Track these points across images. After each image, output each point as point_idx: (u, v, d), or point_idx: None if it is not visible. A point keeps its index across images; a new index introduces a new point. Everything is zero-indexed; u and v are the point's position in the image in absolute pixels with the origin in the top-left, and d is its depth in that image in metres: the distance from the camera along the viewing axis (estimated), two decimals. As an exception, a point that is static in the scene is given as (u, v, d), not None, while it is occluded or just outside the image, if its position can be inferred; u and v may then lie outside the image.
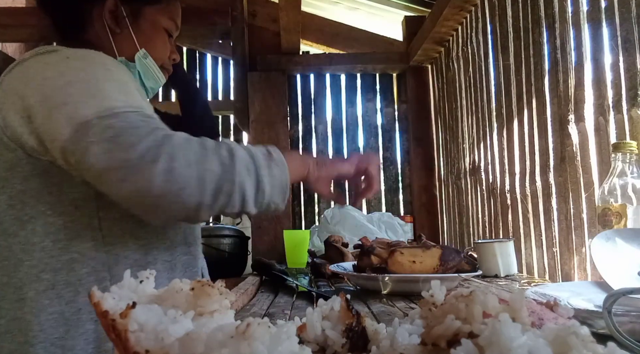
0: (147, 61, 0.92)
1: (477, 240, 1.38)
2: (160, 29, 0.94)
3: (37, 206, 0.75)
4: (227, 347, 0.26)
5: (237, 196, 0.69)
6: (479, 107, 1.74)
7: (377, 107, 2.45)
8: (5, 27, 2.07)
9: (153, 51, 0.93)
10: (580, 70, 1.13)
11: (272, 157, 0.75)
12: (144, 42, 0.92)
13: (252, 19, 2.45)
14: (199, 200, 0.67)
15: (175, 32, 0.99)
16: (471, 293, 0.32)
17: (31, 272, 0.74)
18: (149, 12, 0.92)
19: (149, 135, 0.67)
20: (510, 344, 0.27)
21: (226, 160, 0.69)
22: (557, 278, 1.22)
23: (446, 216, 2.22)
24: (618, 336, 0.44)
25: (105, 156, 0.65)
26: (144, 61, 0.92)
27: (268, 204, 0.74)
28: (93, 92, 0.71)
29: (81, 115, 0.67)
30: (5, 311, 0.75)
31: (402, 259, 0.96)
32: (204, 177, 0.67)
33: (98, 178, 0.68)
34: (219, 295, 0.33)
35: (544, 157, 1.29)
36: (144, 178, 0.65)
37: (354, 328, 0.35)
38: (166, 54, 0.97)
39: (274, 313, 0.84)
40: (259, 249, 2.18)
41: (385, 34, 2.50)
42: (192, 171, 0.66)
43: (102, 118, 0.67)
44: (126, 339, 0.28)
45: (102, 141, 0.66)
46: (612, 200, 0.88)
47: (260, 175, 0.71)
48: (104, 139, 0.66)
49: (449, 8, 1.76)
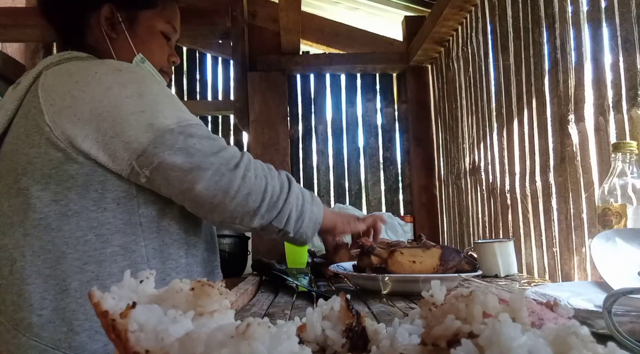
0: (145, 65, 0.94)
1: (477, 240, 1.38)
2: (157, 33, 0.96)
3: (81, 202, 0.80)
4: (227, 347, 0.26)
5: (284, 214, 0.86)
6: (479, 107, 1.74)
7: (377, 107, 2.45)
8: (5, 27, 2.06)
9: (150, 55, 0.95)
10: (580, 70, 1.13)
11: (314, 199, 0.94)
12: (140, 46, 0.94)
13: (252, 19, 2.45)
14: (258, 206, 0.82)
15: (173, 34, 1.00)
16: (471, 293, 0.32)
17: (75, 264, 0.79)
18: (144, 17, 0.94)
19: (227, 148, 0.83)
20: (510, 344, 0.27)
21: (285, 184, 0.88)
22: (557, 278, 1.22)
23: (446, 216, 2.22)
24: (618, 336, 0.44)
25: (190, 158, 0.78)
26: (141, 65, 0.93)
27: (301, 233, 0.90)
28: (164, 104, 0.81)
29: (163, 123, 0.78)
30: (49, 302, 0.78)
31: (402, 259, 0.96)
32: (267, 189, 0.83)
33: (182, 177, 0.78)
34: (219, 295, 0.33)
35: (544, 157, 1.29)
36: (226, 180, 0.79)
37: (354, 328, 0.35)
38: (164, 58, 0.98)
39: (274, 313, 0.84)
40: (259, 249, 2.18)
41: (385, 34, 2.50)
42: (260, 182, 0.83)
43: (183, 127, 0.79)
44: (126, 339, 0.28)
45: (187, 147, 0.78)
46: (612, 200, 0.88)
47: (305, 207, 0.90)
48: (188, 145, 0.78)
49: (449, 8, 1.76)
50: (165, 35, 0.98)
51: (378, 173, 2.43)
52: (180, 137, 0.78)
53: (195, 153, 0.78)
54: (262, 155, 2.24)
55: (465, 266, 1.04)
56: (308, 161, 2.43)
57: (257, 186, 0.82)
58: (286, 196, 0.85)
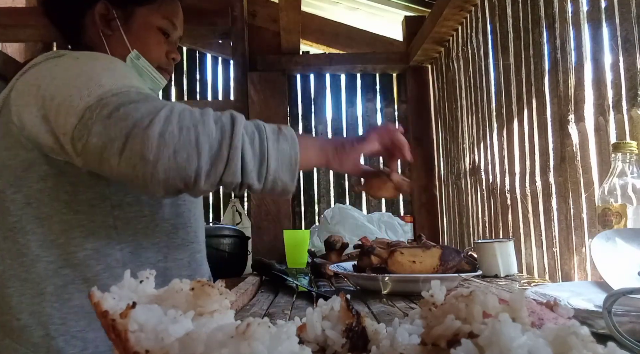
0: (140, 62, 0.91)
1: (477, 240, 1.38)
2: (154, 29, 0.93)
3: (54, 204, 0.78)
4: (227, 347, 0.26)
5: (236, 163, 0.66)
6: (479, 107, 1.74)
7: (377, 107, 2.45)
8: (5, 27, 2.06)
9: (146, 52, 0.92)
10: (580, 70, 1.13)
11: (282, 132, 0.71)
12: (136, 43, 0.91)
13: (252, 19, 2.45)
14: (195, 165, 0.64)
15: (173, 30, 0.97)
16: (471, 293, 0.32)
17: (49, 268, 0.77)
18: (140, 13, 0.92)
19: (145, 104, 0.66)
20: (510, 344, 0.27)
21: (227, 126, 0.67)
22: (557, 278, 1.22)
23: (446, 216, 2.22)
24: (618, 336, 0.44)
25: (104, 131, 0.65)
26: (136, 62, 0.91)
27: (274, 180, 0.70)
28: (96, 81, 0.71)
29: (84, 102, 0.68)
30: (25, 305, 0.77)
31: (402, 259, 0.96)
32: (199, 140, 0.64)
33: (99, 157, 0.67)
34: (219, 295, 0.33)
35: (544, 157, 1.29)
36: (139, 143, 0.63)
37: (354, 328, 0.35)
38: (162, 54, 0.96)
39: (274, 313, 0.84)
40: (259, 249, 2.18)
41: (385, 34, 2.50)
42: (188, 134, 0.64)
43: (101, 100, 0.68)
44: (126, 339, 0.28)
45: (102, 118, 0.66)
46: (612, 200, 0.88)
47: (267, 147, 0.68)
48: (103, 116, 0.66)
49: (449, 8, 1.76)
50: (164, 32, 0.95)
51: (378, 173, 2.43)
52: (95, 112, 0.67)
53: (109, 124, 0.65)
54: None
55: (465, 266, 1.04)
56: (308, 161, 2.43)
57: (184, 140, 0.64)
58: (230, 140, 0.66)
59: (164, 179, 0.65)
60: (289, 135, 0.72)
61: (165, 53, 0.96)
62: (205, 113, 0.68)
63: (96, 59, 0.80)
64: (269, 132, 0.70)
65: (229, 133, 0.66)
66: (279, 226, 2.17)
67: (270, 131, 0.71)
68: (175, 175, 0.65)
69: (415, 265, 0.95)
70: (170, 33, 0.96)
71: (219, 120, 0.67)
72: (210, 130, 0.66)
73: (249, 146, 0.67)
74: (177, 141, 0.64)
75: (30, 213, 0.78)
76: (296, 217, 2.42)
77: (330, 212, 2.02)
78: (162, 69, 0.96)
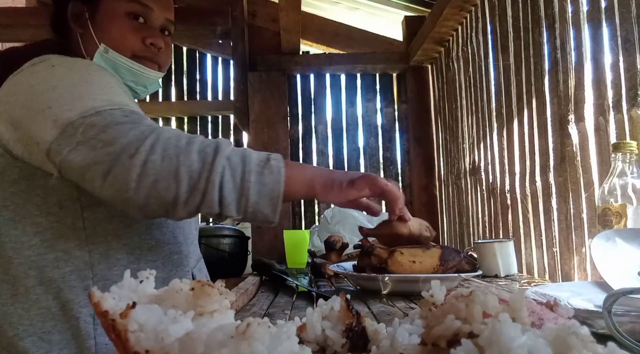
0: (110, 55, 0.87)
1: (477, 240, 1.38)
2: (119, 17, 0.88)
3: (26, 207, 0.79)
4: (227, 347, 0.26)
5: (213, 196, 0.67)
6: (479, 107, 1.74)
7: (377, 107, 2.45)
8: (5, 27, 2.07)
9: (114, 43, 0.87)
10: (580, 70, 1.13)
11: (268, 164, 0.71)
12: (103, 36, 0.87)
13: (252, 19, 2.45)
14: (174, 194, 0.66)
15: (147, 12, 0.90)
16: (471, 293, 0.32)
17: (20, 269, 0.78)
18: (104, 4, 0.88)
19: (131, 130, 0.68)
20: (510, 344, 0.27)
21: (209, 157, 0.67)
22: (557, 278, 1.22)
23: (446, 216, 2.22)
24: (618, 336, 0.44)
25: (90, 153, 0.67)
26: (106, 56, 0.87)
27: (254, 213, 0.70)
28: (76, 95, 0.72)
29: (66, 117, 0.70)
30: (1, 305, 0.78)
31: (402, 259, 0.96)
32: (179, 171, 0.66)
33: (82, 175, 0.69)
34: (219, 295, 0.33)
35: (544, 157, 1.29)
36: (123, 170, 0.66)
37: (354, 328, 0.35)
38: (135, 42, 0.89)
39: (274, 313, 0.84)
40: (259, 249, 2.18)
41: (385, 34, 2.51)
42: (168, 164, 0.66)
43: (86, 117, 0.69)
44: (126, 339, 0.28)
45: (88, 139, 0.68)
46: (612, 200, 0.88)
47: (248, 180, 0.68)
48: (89, 137, 0.68)
49: (449, 8, 1.76)
50: (136, 16, 0.89)
51: (378, 173, 2.43)
52: (79, 130, 0.68)
53: (96, 145, 0.67)
54: (262, 155, 2.24)
55: (465, 266, 1.04)
56: (308, 161, 2.43)
57: (165, 169, 0.66)
58: (208, 173, 0.66)
59: (144, 205, 0.68)
60: (275, 168, 0.71)
61: (141, 39, 0.89)
62: (191, 142, 0.69)
63: (71, 67, 0.78)
64: (253, 163, 0.70)
65: (209, 165, 0.67)
66: (279, 226, 2.17)
67: (256, 163, 0.70)
68: (154, 201, 0.67)
69: (415, 265, 0.95)
70: (144, 16, 0.90)
71: (202, 151, 0.68)
72: (191, 161, 0.67)
73: (229, 178, 0.68)
74: (159, 170, 0.66)
75: (6, 216, 0.79)
76: (296, 217, 2.43)
77: (330, 212, 2.02)
78: (140, 58, 0.90)
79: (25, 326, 0.77)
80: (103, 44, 0.87)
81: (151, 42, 0.90)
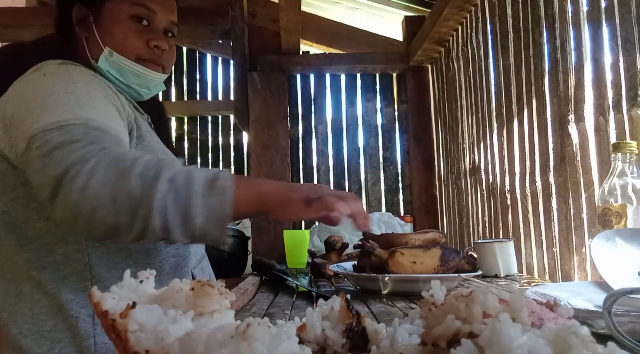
0: (115, 58, 0.87)
1: (477, 240, 1.38)
2: (123, 20, 0.88)
3: (26, 212, 0.80)
4: (227, 347, 0.26)
5: (155, 222, 0.63)
6: (479, 107, 1.74)
7: (377, 107, 2.45)
8: (5, 27, 2.07)
9: (118, 45, 0.87)
10: (580, 70, 1.13)
11: (215, 185, 0.66)
12: (107, 39, 0.87)
13: (252, 19, 2.45)
14: (115, 222, 0.64)
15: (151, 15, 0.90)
16: (471, 293, 0.32)
17: (23, 271, 0.80)
18: (108, 7, 0.89)
19: (79, 150, 0.65)
20: (510, 344, 0.27)
21: (148, 182, 0.64)
22: (557, 278, 1.22)
23: (446, 216, 2.22)
24: (618, 336, 0.44)
25: (40, 172, 0.66)
26: (111, 59, 0.87)
27: (203, 235, 0.67)
28: (48, 107, 0.71)
29: (31, 129, 0.69)
30: (7, 305, 0.81)
31: (403, 260, 0.96)
32: (118, 197, 0.63)
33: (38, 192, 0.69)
34: (219, 295, 0.33)
35: (544, 157, 1.29)
36: (65, 196, 0.63)
37: (354, 328, 0.35)
38: (139, 44, 0.89)
39: (274, 313, 0.84)
40: (259, 249, 2.18)
41: (385, 34, 2.50)
42: (107, 191, 0.63)
43: (47, 131, 0.67)
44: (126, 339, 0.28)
45: (40, 156, 0.66)
46: (612, 200, 0.88)
47: (193, 203, 0.64)
48: (41, 154, 0.66)
49: (449, 8, 1.76)
50: (139, 19, 0.89)
51: (378, 173, 2.43)
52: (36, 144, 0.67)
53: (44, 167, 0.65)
54: (262, 155, 2.24)
55: (465, 266, 1.04)
56: (308, 161, 2.43)
57: (104, 196, 0.62)
58: (149, 199, 0.63)
59: (88, 231, 0.67)
60: (221, 188, 0.66)
61: (145, 42, 0.89)
62: (133, 165, 0.65)
63: (59, 77, 0.78)
64: (198, 185, 0.66)
65: (150, 190, 0.63)
66: (279, 226, 2.17)
67: (201, 184, 0.66)
68: (97, 227, 0.65)
69: (415, 266, 0.95)
70: (148, 18, 0.90)
71: (143, 175, 0.64)
72: (130, 186, 0.63)
73: (172, 203, 0.64)
74: (96, 198, 0.63)
75: (8, 221, 0.80)
76: (296, 217, 2.42)
77: (330, 212, 2.01)
78: (144, 60, 0.89)
79: (28, 324, 0.79)
80: (107, 47, 0.87)
81: (155, 44, 0.90)
